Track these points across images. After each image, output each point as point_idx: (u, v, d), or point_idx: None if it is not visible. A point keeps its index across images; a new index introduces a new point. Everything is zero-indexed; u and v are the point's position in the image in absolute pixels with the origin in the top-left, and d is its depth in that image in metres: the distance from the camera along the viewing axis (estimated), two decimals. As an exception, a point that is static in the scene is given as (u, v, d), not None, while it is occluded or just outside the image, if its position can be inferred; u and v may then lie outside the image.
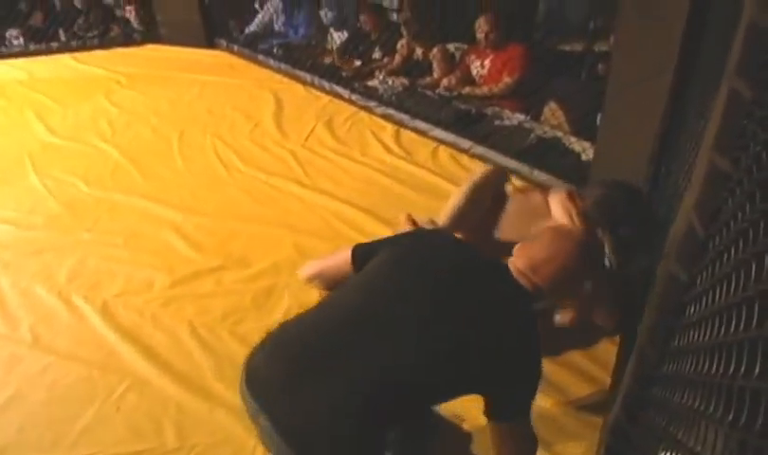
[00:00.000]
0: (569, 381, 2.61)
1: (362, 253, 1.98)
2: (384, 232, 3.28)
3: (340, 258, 2.06)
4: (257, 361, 1.71)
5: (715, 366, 1.12)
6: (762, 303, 0.94)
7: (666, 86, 3.18)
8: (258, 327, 2.81)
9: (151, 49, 7.35)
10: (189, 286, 3.18)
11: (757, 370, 0.90)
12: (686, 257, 1.48)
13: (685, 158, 2.34)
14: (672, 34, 3.08)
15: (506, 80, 5.21)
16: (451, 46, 5.91)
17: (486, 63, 5.39)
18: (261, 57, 6.81)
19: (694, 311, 1.41)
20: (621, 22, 3.41)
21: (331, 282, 2.71)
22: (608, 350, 2.75)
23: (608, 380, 2.61)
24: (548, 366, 2.06)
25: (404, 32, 6.11)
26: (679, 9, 3.02)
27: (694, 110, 2.51)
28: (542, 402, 2.36)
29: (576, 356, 2.72)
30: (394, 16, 6.78)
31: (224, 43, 7.27)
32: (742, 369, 0.96)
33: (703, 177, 1.39)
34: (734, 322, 1.06)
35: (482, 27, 5.27)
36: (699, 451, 1.09)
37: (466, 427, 2.35)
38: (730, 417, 0.96)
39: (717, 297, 1.23)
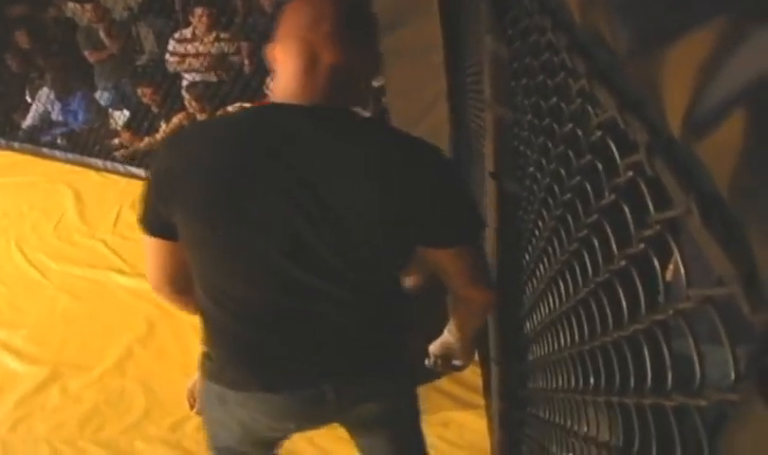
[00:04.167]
0: (444, 406, 2.61)
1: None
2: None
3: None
4: (239, 380, 1.43)
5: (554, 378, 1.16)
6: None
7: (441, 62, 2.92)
8: (120, 429, 2.71)
9: None
10: (34, 403, 2.97)
11: (591, 381, 0.91)
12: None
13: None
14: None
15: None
16: (231, 108, 5.85)
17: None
18: (45, 150, 6.37)
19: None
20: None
21: None
22: (474, 371, 2.60)
23: (481, 401, 2.60)
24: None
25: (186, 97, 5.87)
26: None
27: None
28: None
29: (444, 383, 2.64)
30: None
31: (2, 141, 6.72)
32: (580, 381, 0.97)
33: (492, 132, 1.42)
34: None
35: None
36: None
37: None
38: (586, 429, 0.98)
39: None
